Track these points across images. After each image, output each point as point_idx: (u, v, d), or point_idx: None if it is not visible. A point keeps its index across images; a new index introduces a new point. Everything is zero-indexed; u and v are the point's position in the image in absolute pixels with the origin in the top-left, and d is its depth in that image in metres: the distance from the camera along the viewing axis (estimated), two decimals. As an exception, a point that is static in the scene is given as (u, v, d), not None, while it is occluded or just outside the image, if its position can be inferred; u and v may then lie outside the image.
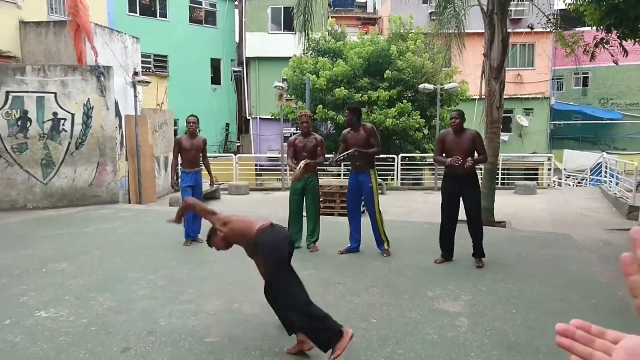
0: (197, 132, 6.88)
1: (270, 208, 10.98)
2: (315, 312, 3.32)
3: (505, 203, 11.47)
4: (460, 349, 3.52)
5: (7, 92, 9.53)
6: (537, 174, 19.68)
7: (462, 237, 5.84)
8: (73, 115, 10.00)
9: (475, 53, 12.63)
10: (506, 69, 9.33)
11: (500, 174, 16.47)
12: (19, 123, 9.64)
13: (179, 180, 6.79)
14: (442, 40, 11.71)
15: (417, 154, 17.60)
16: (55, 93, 9.85)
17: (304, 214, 6.47)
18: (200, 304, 4.44)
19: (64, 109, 9.93)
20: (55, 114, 9.86)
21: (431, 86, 15.54)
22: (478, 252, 5.66)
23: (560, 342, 0.65)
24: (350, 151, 5.90)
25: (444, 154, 5.61)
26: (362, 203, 6.36)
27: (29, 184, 9.81)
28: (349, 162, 6.24)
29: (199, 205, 3.97)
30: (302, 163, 5.94)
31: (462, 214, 5.70)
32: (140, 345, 3.59)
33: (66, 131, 9.97)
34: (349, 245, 6.20)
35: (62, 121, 9.92)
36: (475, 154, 5.50)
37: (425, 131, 18.16)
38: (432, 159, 16.78)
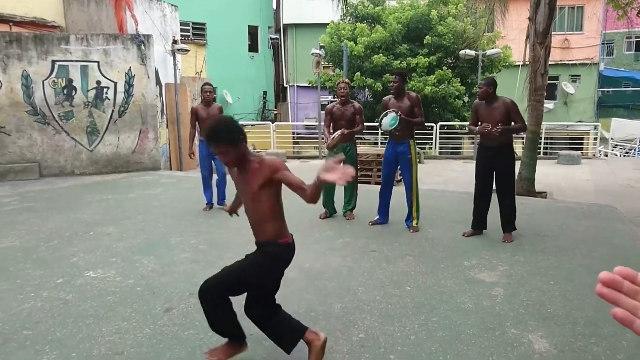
0: (213, 101, 6.86)
1: (307, 175, 11.07)
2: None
3: (547, 173, 11.19)
4: (496, 318, 3.52)
5: (53, 62, 9.82)
6: (582, 144, 19.03)
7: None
8: (115, 83, 10.25)
9: (519, 17, 12.15)
10: (552, 33, 8.95)
11: (542, 143, 16.01)
12: (65, 91, 9.95)
13: (198, 150, 6.93)
14: (485, 3, 11.28)
15: (457, 123, 17.25)
16: (98, 62, 10.08)
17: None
18: (239, 268, 4.57)
19: (107, 78, 10.18)
20: (98, 82, 10.12)
21: (472, 52, 15.08)
22: (507, 226, 5.48)
23: (602, 293, 0.58)
24: (397, 111, 5.57)
25: (478, 124, 5.42)
26: (398, 173, 6.29)
27: (76, 150, 10.19)
28: (388, 133, 5.99)
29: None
30: (337, 133, 5.93)
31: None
32: (182, 305, 3.75)
33: (109, 99, 10.24)
34: (377, 218, 6.14)
35: (105, 89, 10.19)
36: (513, 124, 5.26)
37: (466, 99, 17.75)
38: (471, 128, 16.50)
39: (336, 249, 5.17)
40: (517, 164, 6.39)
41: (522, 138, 8.75)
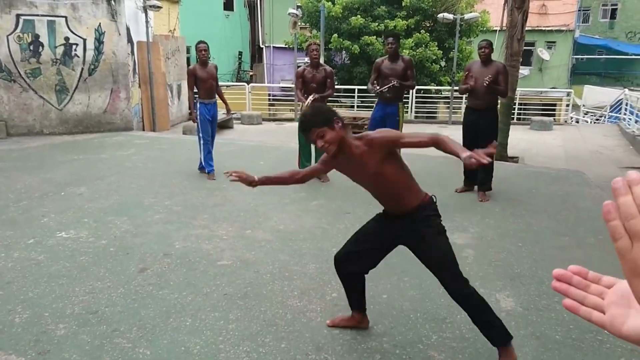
0: (208, 60, 6.51)
1: (283, 138, 11.00)
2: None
3: (519, 138, 11.36)
4: (465, 278, 3.63)
5: (18, 15, 9.38)
6: (554, 110, 19.32)
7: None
8: (85, 40, 9.88)
9: (499, -19, 12.03)
10: (530, -2, 8.93)
11: (516, 109, 16.19)
12: (31, 48, 9.56)
13: (197, 111, 6.44)
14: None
15: (433, 87, 17.26)
16: (65, 17, 9.67)
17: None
18: (214, 229, 4.58)
19: (76, 34, 9.79)
20: (67, 38, 9.74)
21: (451, 16, 14.95)
22: (484, 184, 5.73)
23: (555, 287, 0.69)
24: (391, 84, 5.76)
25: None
26: None
27: (45, 109, 9.87)
28: (370, 97, 6.12)
29: None
30: (310, 98, 5.87)
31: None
32: (157, 266, 3.76)
33: (78, 57, 9.89)
34: None
35: (74, 46, 9.82)
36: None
37: (442, 63, 17.70)
38: (448, 93, 16.53)
39: (310, 211, 5.20)
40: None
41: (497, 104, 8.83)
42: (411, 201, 2.61)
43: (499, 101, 8.71)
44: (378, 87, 5.88)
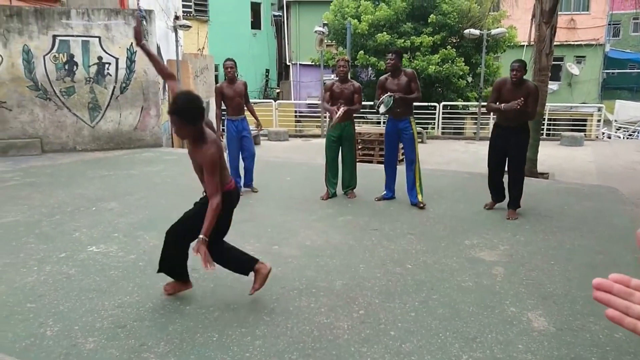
0: (236, 77, 6.54)
1: (309, 154, 11.05)
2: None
3: (549, 154, 11.17)
4: (495, 297, 3.55)
5: (54, 36, 9.72)
6: (585, 126, 18.93)
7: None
8: (117, 59, 10.16)
9: (526, -4, 11.94)
10: (558, 13, 8.83)
11: (546, 124, 15.94)
12: (66, 67, 9.87)
13: (224, 129, 6.54)
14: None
15: (460, 103, 17.14)
16: (99, 37, 9.98)
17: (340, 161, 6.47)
18: (241, 244, 4.57)
19: (108, 53, 10.08)
20: (100, 58, 10.03)
21: (477, 31, 14.89)
22: (513, 202, 5.59)
23: (596, 297, 0.66)
24: (392, 94, 5.67)
25: (497, 104, 5.43)
26: (401, 152, 6.31)
27: (78, 126, 10.15)
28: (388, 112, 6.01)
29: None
30: (342, 110, 5.90)
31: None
32: (185, 281, 3.78)
33: (111, 75, 10.16)
34: (385, 193, 6.24)
35: (106, 65, 10.10)
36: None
37: (469, 79, 17.60)
38: (475, 108, 16.38)
39: (337, 227, 5.18)
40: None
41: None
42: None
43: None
44: (377, 101, 5.85)
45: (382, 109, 5.77)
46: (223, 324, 3.14)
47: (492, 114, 5.13)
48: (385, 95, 5.73)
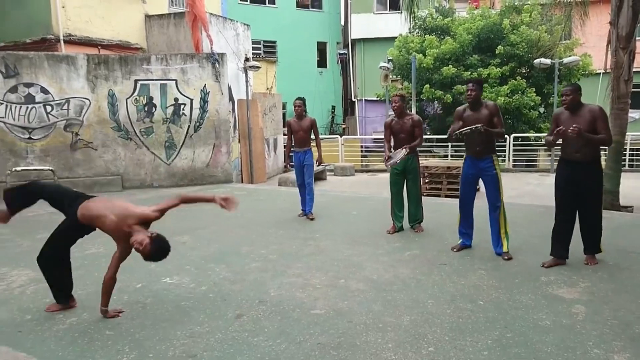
0: (304, 114, 7.27)
1: (375, 189, 11.01)
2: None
3: (633, 186, 10.49)
4: (577, 337, 3.32)
5: (136, 81, 10.46)
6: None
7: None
8: (192, 100, 10.75)
9: (600, 22, 11.50)
10: (637, 38, 8.43)
11: (627, 154, 15.03)
12: (146, 109, 10.56)
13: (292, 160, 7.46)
14: (562, 10, 10.81)
15: (532, 134, 16.57)
16: (176, 80, 10.63)
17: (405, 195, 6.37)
18: (308, 278, 4.62)
19: (184, 95, 10.70)
20: (176, 99, 10.66)
21: (548, 61, 14.47)
22: (591, 247, 4.93)
23: None
24: (476, 126, 4.93)
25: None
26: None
27: (155, 164, 10.74)
28: (463, 146, 5.40)
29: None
30: (403, 152, 5.81)
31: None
32: (252, 312, 3.83)
33: (186, 115, 10.75)
34: (461, 241, 5.51)
35: (182, 106, 10.71)
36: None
37: (541, 109, 17.04)
38: (548, 139, 15.75)
39: (405, 261, 5.09)
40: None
41: (605, 149, 8.25)
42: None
43: (606, 148, 8.17)
44: (458, 130, 5.09)
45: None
46: (289, 357, 3.14)
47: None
48: (469, 127, 5.00)
